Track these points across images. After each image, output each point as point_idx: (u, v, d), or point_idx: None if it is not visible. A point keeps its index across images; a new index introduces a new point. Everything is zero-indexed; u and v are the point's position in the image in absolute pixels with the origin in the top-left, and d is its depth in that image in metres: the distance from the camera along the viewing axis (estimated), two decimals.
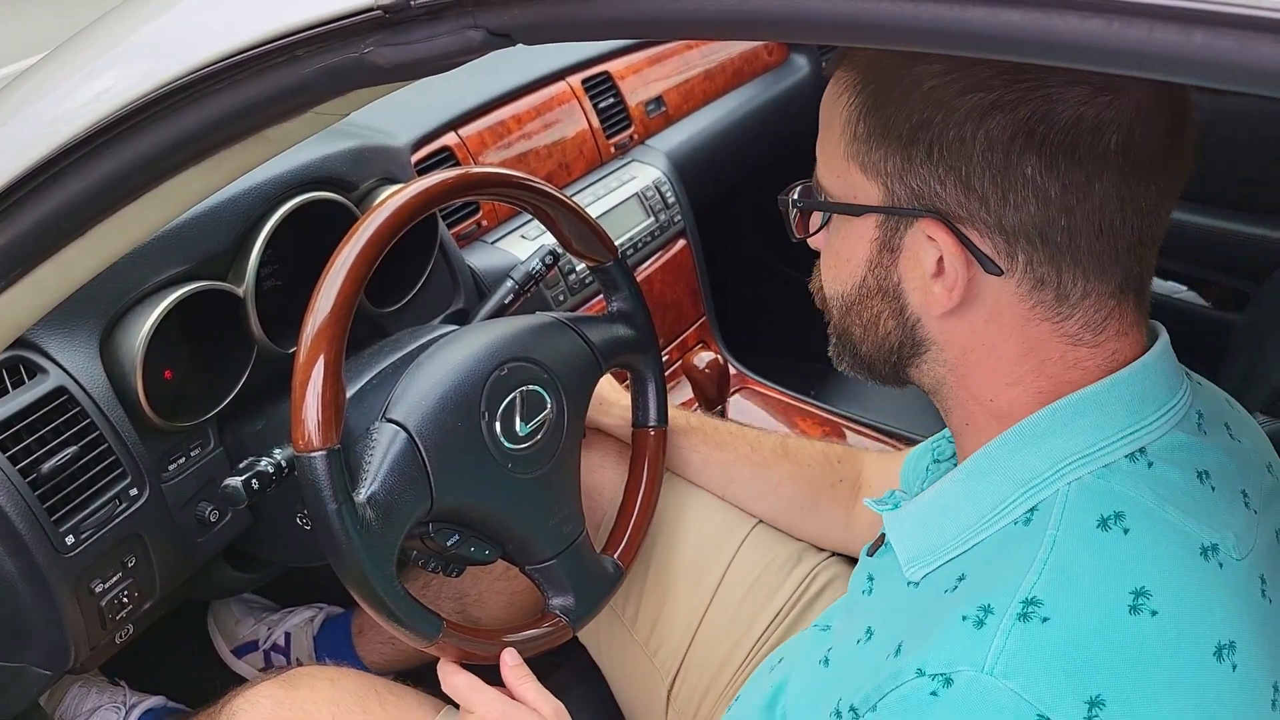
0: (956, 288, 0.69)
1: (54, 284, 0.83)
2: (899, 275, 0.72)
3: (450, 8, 0.58)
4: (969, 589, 0.67)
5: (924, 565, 0.73)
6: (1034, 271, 0.67)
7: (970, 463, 0.73)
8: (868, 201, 0.71)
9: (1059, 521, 0.65)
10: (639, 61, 1.98)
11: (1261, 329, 1.72)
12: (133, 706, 1.42)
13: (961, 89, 0.65)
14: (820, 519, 1.23)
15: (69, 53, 0.79)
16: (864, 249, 0.73)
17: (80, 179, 0.73)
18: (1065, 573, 0.63)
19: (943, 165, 0.66)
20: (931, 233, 0.68)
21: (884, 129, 0.68)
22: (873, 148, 0.69)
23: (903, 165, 0.68)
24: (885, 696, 0.65)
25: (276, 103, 0.67)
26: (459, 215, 1.60)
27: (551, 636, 1.09)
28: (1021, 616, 0.62)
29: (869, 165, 0.70)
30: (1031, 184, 0.65)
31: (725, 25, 0.55)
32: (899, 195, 0.69)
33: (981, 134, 0.64)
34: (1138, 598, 0.62)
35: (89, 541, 1.05)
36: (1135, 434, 0.68)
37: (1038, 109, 0.63)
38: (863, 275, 0.74)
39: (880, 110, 0.68)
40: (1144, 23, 0.42)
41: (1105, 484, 0.67)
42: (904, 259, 0.71)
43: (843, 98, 0.71)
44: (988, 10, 0.45)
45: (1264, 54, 0.39)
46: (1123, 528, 0.64)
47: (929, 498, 0.76)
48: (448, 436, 1.00)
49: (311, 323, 0.91)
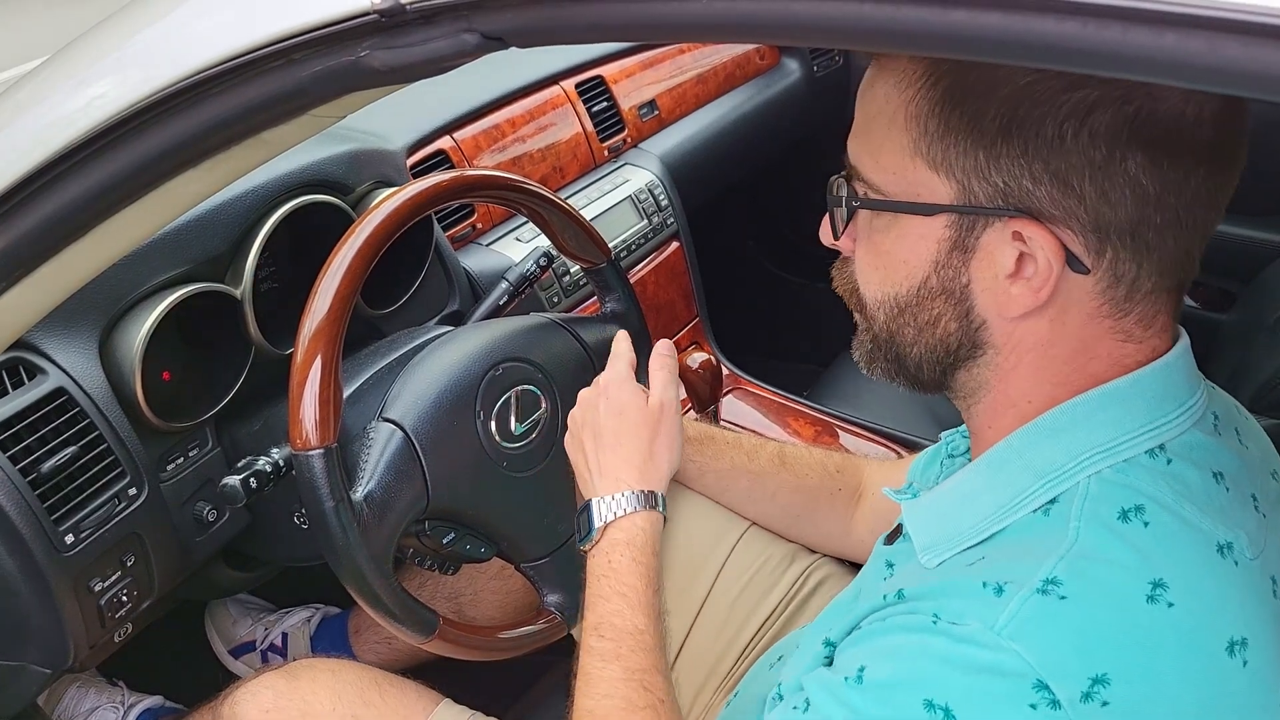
0: (1045, 287, 0.66)
1: (53, 286, 0.83)
2: (969, 276, 0.69)
3: (445, 11, 0.59)
4: (989, 565, 0.67)
5: (941, 552, 0.72)
6: (1115, 269, 0.66)
7: (992, 453, 0.73)
8: (938, 199, 0.68)
9: (1080, 512, 0.65)
10: (632, 65, 1.99)
11: (1248, 329, 1.74)
12: (131, 706, 1.43)
13: (1063, 85, 0.62)
14: (818, 527, 1.22)
15: (67, 57, 0.80)
16: (928, 249, 0.70)
17: (79, 182, 0.74)
18: (1086, 558, 0.63)
19: (1038, 163, 0.64)
20: (1023, 231, 0.65)
21: (967, 126, 0.65)
22: (950, 144, 0.66)
23: (987, 163, 0.65)
24: (879, 611, 0.67)
25: (273, 106, 0.68)
26: (454, 217, 1.61)
27: (546, 633, 1.10)
28: (1040, 590, 0.62)
29: (943, 162, 0.67)
30: (1133, 181, 0.63)
31: (716, 29, 0.55)
32: (978, 193, 0.66)
33: (1085, 132, 0.62)
34: (1155, 588, 0.62)
35: (88, 541, 1.05)
36: (1156, 430, 0.68)
37: (1143, 106, 0.62)
38: (924, 276, 0.71)
39: (961, 105, 0.65)
40: (1118, 25, 0.43)
41: (1125, 478, 0.66)
42: (977, 259, 0.68)
43: (906, 91, 0.68)
44: (968, 13, 0.46)
45: (1231, 55, 0.40)
46: (1143, 521, 0.64)
47: (948, 487, 0.75)
48: (443, 436, 1.01)
49: (309, 323, 0.92)
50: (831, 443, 1.70)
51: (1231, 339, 1.83)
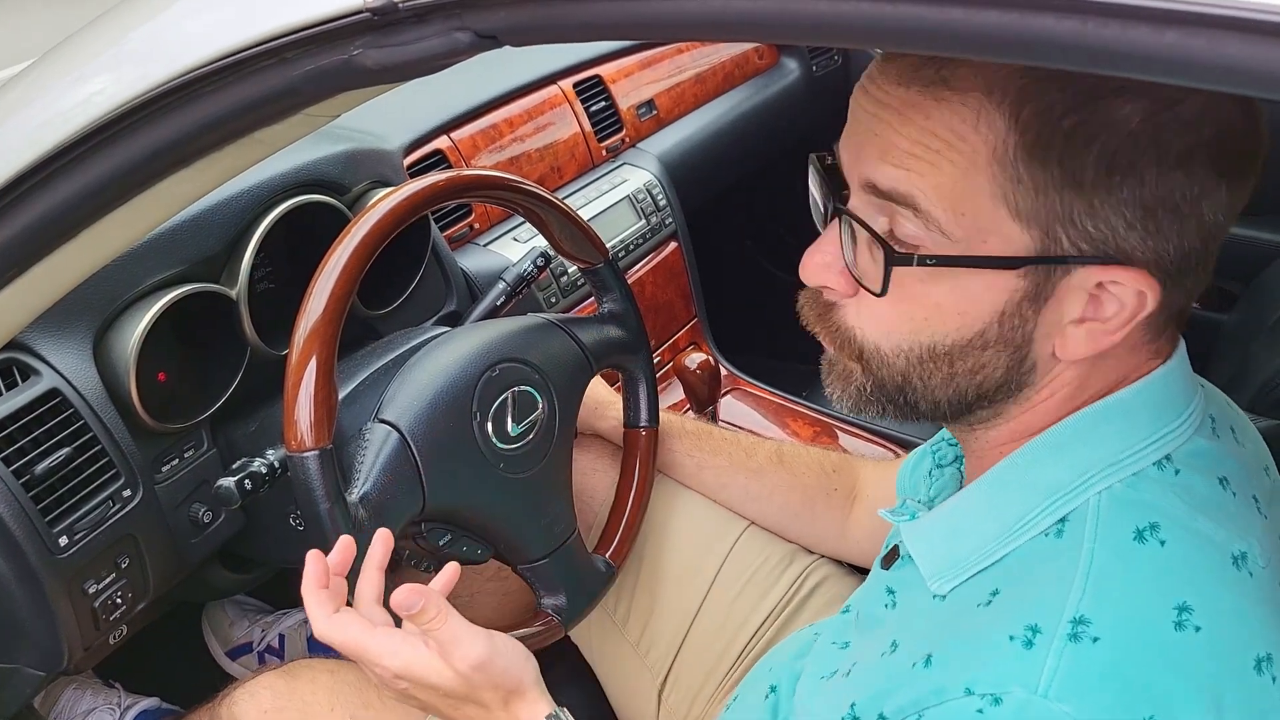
0: (1122, 329, 0.63)
1: (47, 286, 0.83)
2: (1035, 324, 0.65)
3: (437, 10, 0.58)
4: (1008, 604, 0.65)
5: (951, 578, 0.70)
6: (1168, 301, 0.64)
7: (994, 472, 0.71)
8: (1016, 250, 0.62)
9: (1094, 533, 0.63)
10: (630, 65, 1.99)
11: (1249, 328, 1.73)
12: (127, 708, 1.43)
13: (1176, 129, 0.59)
14: (814, 527, 1.23)
15: (60, 56, 0.80)
16: (993, 300, 0.64)
17: (72, 181, 0.73)
18: (1109, 588, 0.61)
19: (1137, 208, 0.60)
20: (1111, 277, 0.62)
21: (1067, 174, 0.60)
22: (1042, 191, 0.60)
23: (1083, 210, 0.60)
24: (925, 713, 0.63)
25: (266, 105, 0.67)
26: (451, 217, 1.61)
27: (543, 635, 1.10)
28: (1072, 637, 0.60)
29: (1031, 211, 0.61)
30: (1208, 220, 0.61)
31: (712, 27, 0.55)
32: (1063, 241, 0.61)
33: (1180, 174, 0.59)
34: (1181, 613, 0.61)
35: (82, 542, 1.05)
36: (1161, 440, 0.67)
37: (1225, 144, 0.60)
38: (981, 328, 0.65)
39: (1062, 151, 0.59)
40: (1118, 23, 0.42)
41: (1136, 493, 0.65)
42: (1049, 307, 0.64)
43: (990, 131, 0.60)
44: (966, 11, 0.46)
45: (1232, 53, 0.40)
46: (1159, 539, 0.63)
47: (949, 508, 0.74)
48: (440, 437, 1.00)
49: (304, 324, 0.92)
50: (830, 443, 1.69)
51: (1232, 339, 1.82)
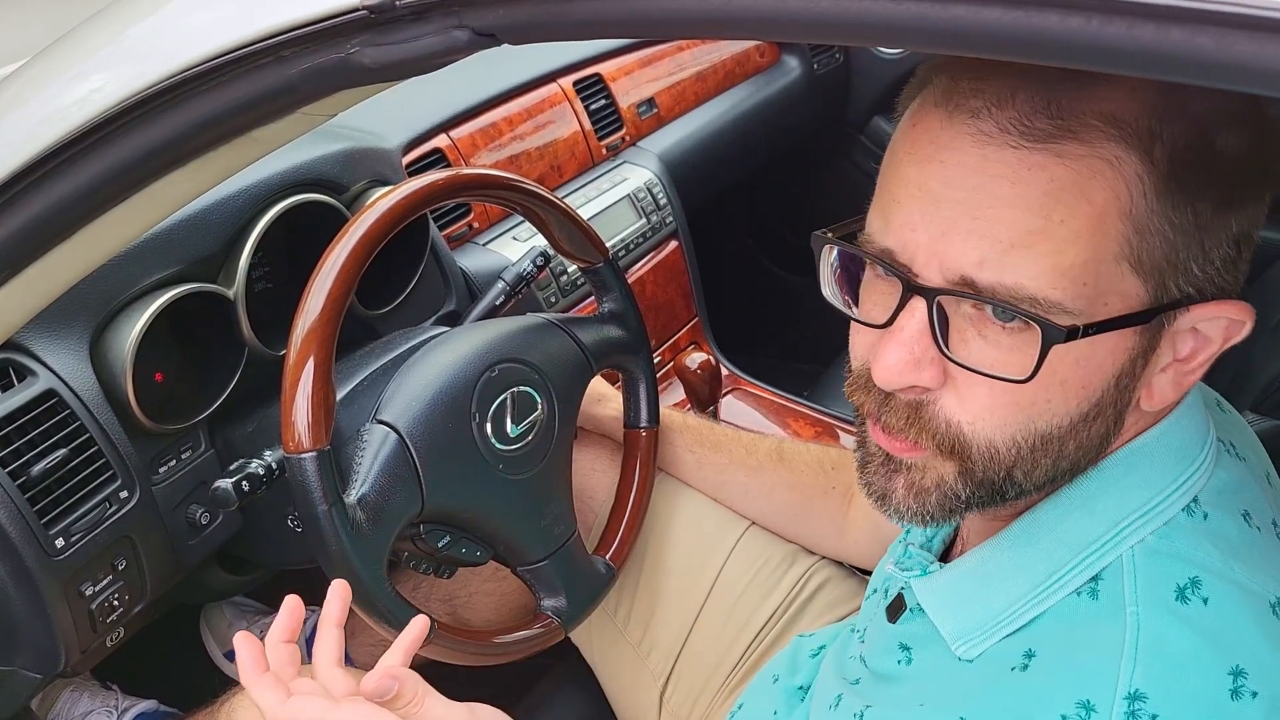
0: (1203, 367, 0.61)
1: (43, 286, 0.83)
2: (1140, 378, 0.61)
3: (435, 8, 0.58)
4: (1050, 673, 0.61)
5: (979, 641, 0.66)
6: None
7: (1017, 527, 0.67)
8: (1135, 305, 0.58)
9: (1135, 595, 0.60)
10: (630, 63, 1.98)
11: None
12: (125, 710, 1.42)
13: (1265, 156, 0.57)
14: (813, 526, 1.22)
15: (55, 54, 0.79)
16: (1114, 364, 0.60)
17: (68, 180, 0.73)
18: (1161, 658, 0.58)
19: (1235, 244, 0.58)
20: (1204, 314, 0.59)
21: (1197, 212, 0.56)
22: (1167, 238, 0.56)
23: (1198, 250, 0.57)
24: None
25: (263, 103, 0.67)
26: (450, 217, 1.60)
27: (543, 637, 1.09)
28: (1130, 715, 0.57)
29: (1152, 260, 0.57)
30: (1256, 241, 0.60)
31: (711, 24, 0.55)
32: (1173, 288, 0.58)
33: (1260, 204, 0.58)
34: (1236, 679, 0.58)
35: (79, 544, 1.05)
36: (1187, 483, 0.64)
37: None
38: (1098, 397, 0.60)
39: (1188, 190, 0.56)
40: (1123, 20, 0.42)
41: (1170, 545, 0.62)
42: (1157, 355, 0.61)
43: (1116, 179, 0.55)
44: (968, 8, 0.45)
45: (1240, 51, 0.39)
46: (1201, 597, 0.60)
47: (971, 566, 0.69)
48: (438, 438, 1.00)
49: (301, 324, 0.91)
50: (832, 443, 1.69)
51: None
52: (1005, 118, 0.55)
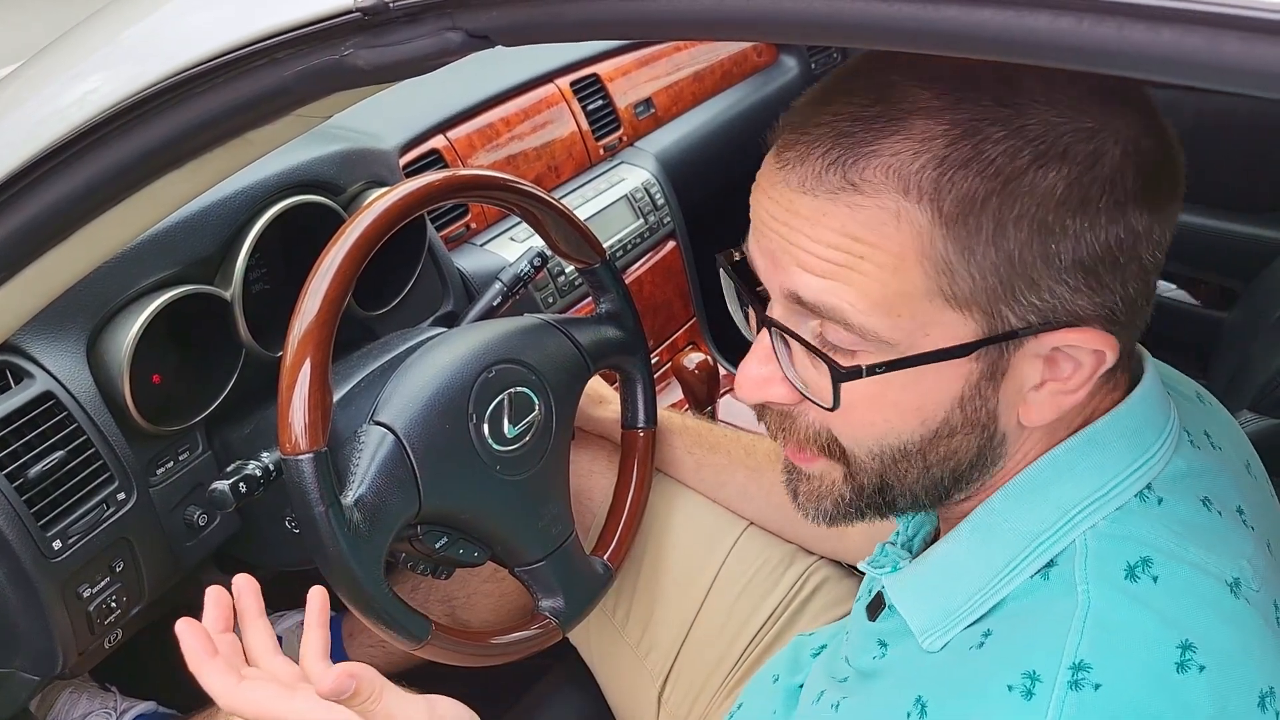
0: (1086, 385, 0.62)
1: (39, 288, 0.83)
2: (997, 399, 0.64)
3: (429, 10, 0.58)
4: (1002, 649, 0.63)
5: (943, 633, 0.68)
6: (1122, 343, 0.63)
7: (974, 519, 0.69)
8: (964, 338, 0.61)
9: (1085, 574, 0.62)
10: (628, 63, 1.98)
11: (1250, 327, 1.73)
12: (124, 712, 1.42)
13: (1101, 187, 0.58)
14: (811, 525, 1.22)
15: (53, 55, 0.79)
16: (951, 389, 0.63)
17: (65, 182, 0.73)
18: (1107, 631, 0.59)
19: (1078, 272, 0.59)
20: (1067, 340, 0.61)
21: (1000, 252, 0.58)
22: (976, 276, 0.59)
23: (1025, 286, 0.59)
24: None
25: (258, 105, 0.67)
26: (448, 218, 1.61)
27: (541, 638, 1.09)
28: (1073, 684, 0.58)
29: (967, 295, 0.59)
30: (1145, 267, 0.61)
31: (704, 25, 0.55)
32: (1010, 318, 0.60)
33: (1117, 229, 0.58)
34: (1184, 652, 0.59)
35: (76, 546, 1.05)
36: (1140, 469, 0.65)
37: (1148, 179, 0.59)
38: (944, 417, 0.64)
39: (984, 232, 0.58)
40: (1114, 21, 0.42)
41: (1122, 528, 0.63)
42: (1009, 380, 0.63)
43: (908, 226, 0.58)
44: (961, 9, 0.45)
45: (1230, 51, 0.39)
46: (1151, 575, 0.61)
47: (932, 561, 0.71)
48: (435, 439, 1.00)
49: (298, 326, 0.91)
50: None
51: (1233, 337, 1.82)
52: (804, 171, 0.61)
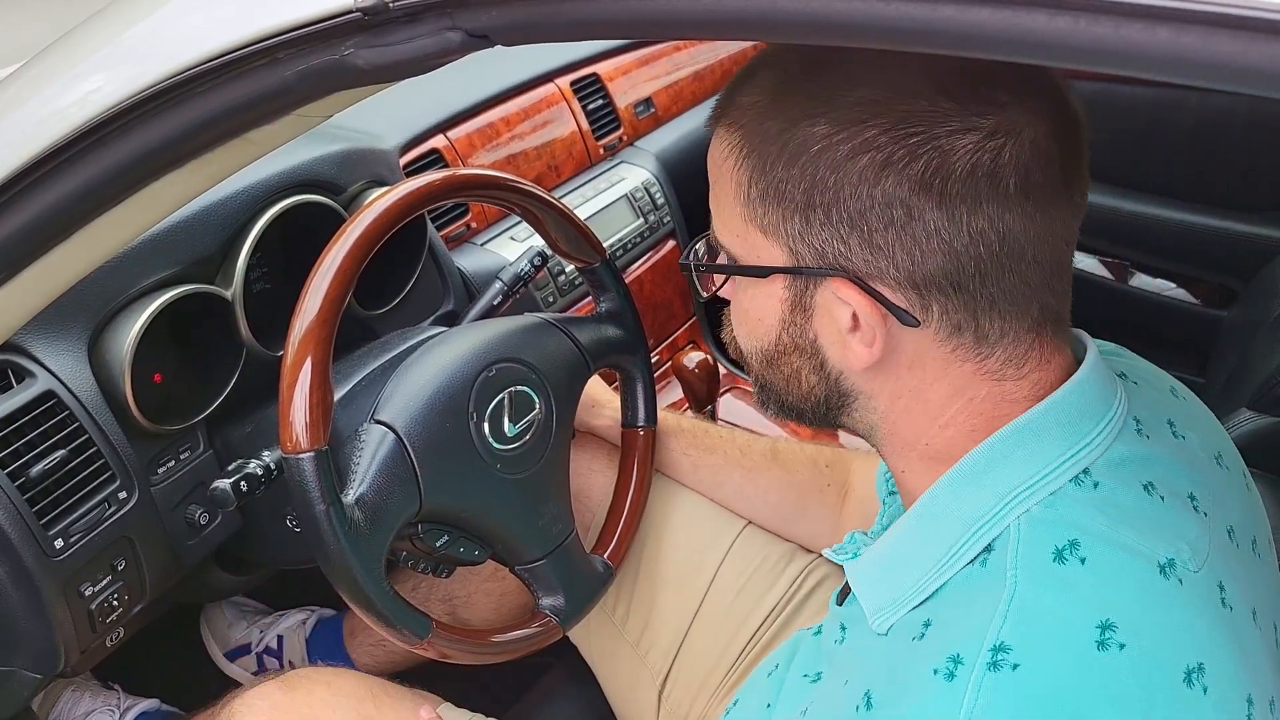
0: (876, 343, 0.68)
1: (41, 287, 0.83)
2: (814, 332, 0.71)
3: (428, 9, 0.58)
4: (936, 637, 0.65)
5: (889, 614, 0.71)
6: (949, 318, 0.67)
7: (919, 506, 0.72)
8: (772, 262, 0.70)
9: (1016, 559, 0.64)
10: (628, 63, 1.98)
11: (1249, 325, 1.73)
12: (127, 710, 1.43)
13: (850, 151, 0.64)
14: (808, 524, 1.23)
15: (53, 56, 0.80)
16: (775, 308, 0.72)
17: (66, 182, 0.73)
18: (1029, 614, 0.61)
19: (844, 226, 0.65)
20: (841, 293, 0.67)
21: (778, 193, 0.67)
22: (769, 211, 0.68)
23: (803, 228, 0.67)
24: None
25: (258, 105, 0.67)
26: (448, 217, 1.61)
27: (541, 636, 1.10)
28: (991, 665, 0.60)
29: (768, 227, 0.69)
30: (936, 235, 0.64)
31: (703, 25, 0.55)
32: (804, 256, 0.68)
33: (879, 193, 0.64)
34: (1104, 632, 0.60)
35: (78, 545, 1.05)
36: (1076, 456, 0.67)
37: (930, 162, 0.63)
38: (777, 334, 0.73)
39: (769, 174, 0.67)
40: (1110, 20, 0.42)
41: (1054, 512, 0.65)
42: (818, 317, 0.70)
43: (729, 160, 0.70)
44: (957, 9, 0.46)
45: (1225, 50, 0.40)
46: (1079, 557, 0.63)
47: (885, 545, 0.75)
48: (436, 437, 1.00)
49: (298, 325, 0.91)
50: (830, 439, 1.69)
51: (1232, 336, 1.82)
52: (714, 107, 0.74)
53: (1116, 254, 2.06)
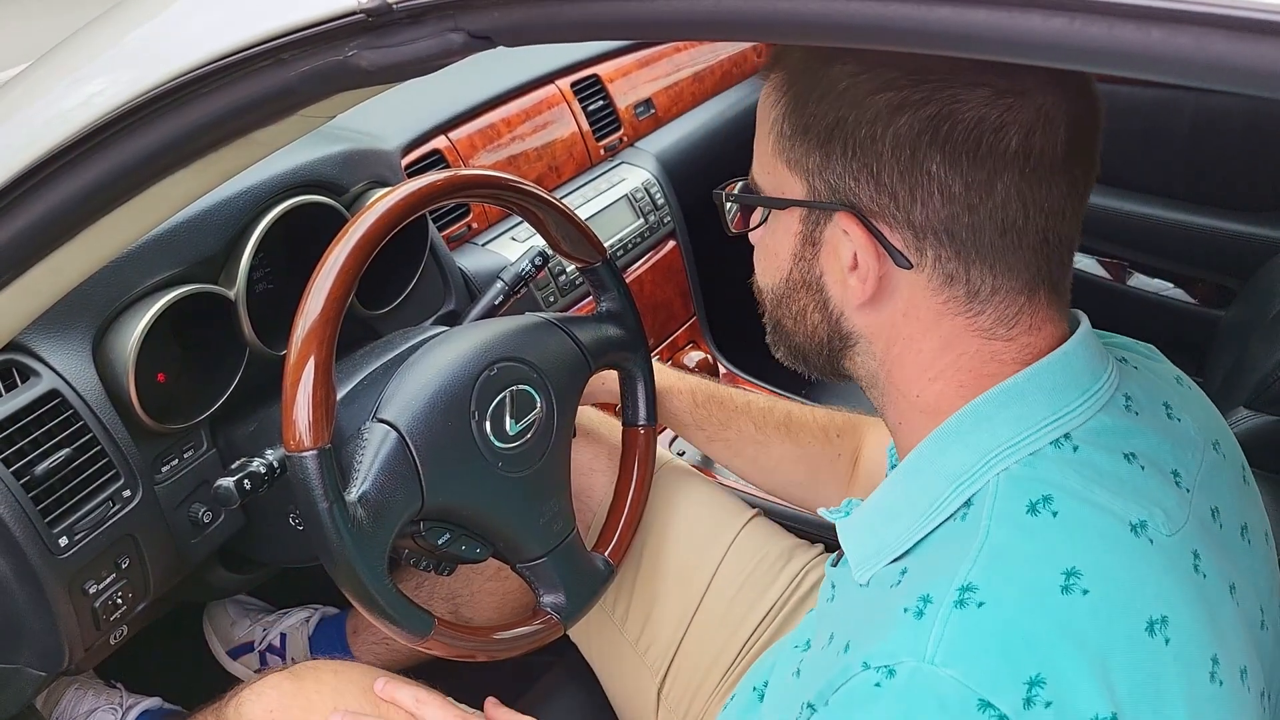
0: (869, 280, 0.71)
1: (45, 287, 0.84)
2: (820, 269, 0.75)
3: (431, 11, 0.59)
4: (910, 581, 0.68)
5: (870, 566, 0.74)
6: (943, 267, 0.70)
7: (906, 463, 0.75)
8: (792, 196, 0.74)
9: (991, 511, 0.66)
10: (628, 64, 1.99)
11: (1246, 325, 1.74)
12: (129, 708, 1.43)
13: (871, 89, 0.67)
14: (819, 492, 1.26)
15: (58, 58, 0.80)
16: (789, 243, 0.76)
17: (71, 182, 0.74)
18: (999, 558, 0.64)
19: (856, 162, 0.69)
20: (845, 226, 0.71)
21: (805, 128, 0.71)
22: (795, 145, 0.72)
23: (821, 162, 0.71)
24: (836, 691, 0.66)
25: (263, 106, 0.68)
26: (449, 217, 1.61)
27: (543, 634, 1.10)
28: (958, 603, 0.62)
29: (793, 161, 0.73)
30: (936, 181, 0.67)
31: (704, 26, 0.56)
32: (819, 190, 0.72)
33: (890, 132, 0.67)
34: (1069, 578, 0.63)
35: (82, 543, 1.05)
36: (1058, 421, 0.69)
37: (942, 108, 0.66)
38: (789, 269, 0.77)
39: (802, 109, 0.71)
40: (1104, 21, 0.43)
41: (1032, 471, 0.68)
42: (824, 253, 0.74)
43: (770, 97, 0.75)
44: (954, 10, 0.46)
45: (1219, 50, 0.40)
46: (1051, 511, 0.66)
47: (874, 501, 0.77)
48: (438, 436, 1.01)
49: (302, 324, 0.92)
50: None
51: (1230, 335, 1.83)
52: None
53: (1114, 254, 2.07)
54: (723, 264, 2.30)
